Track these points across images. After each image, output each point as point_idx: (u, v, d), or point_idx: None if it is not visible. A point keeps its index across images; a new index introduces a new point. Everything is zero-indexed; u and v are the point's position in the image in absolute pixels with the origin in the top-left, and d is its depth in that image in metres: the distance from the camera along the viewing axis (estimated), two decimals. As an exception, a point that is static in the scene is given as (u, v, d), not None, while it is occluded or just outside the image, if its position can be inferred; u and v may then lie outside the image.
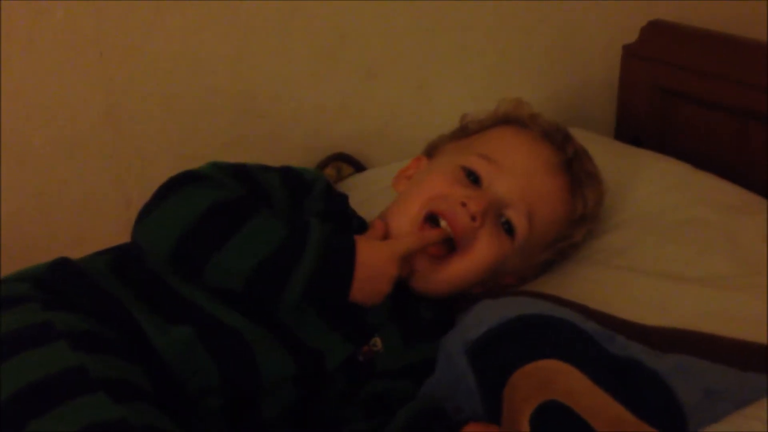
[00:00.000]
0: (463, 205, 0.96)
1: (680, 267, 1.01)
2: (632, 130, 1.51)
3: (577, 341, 0.84)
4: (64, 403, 0.71)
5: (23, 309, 0.81)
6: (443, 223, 0.97)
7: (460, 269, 0.98)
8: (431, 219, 0.98)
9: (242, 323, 0.87)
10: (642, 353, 0.83)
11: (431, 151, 1.12)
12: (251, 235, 0.88)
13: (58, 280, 0.88)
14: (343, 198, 1.04)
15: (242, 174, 0.97)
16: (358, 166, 1.36)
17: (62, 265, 0.90)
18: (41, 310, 0.81)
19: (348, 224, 1.00)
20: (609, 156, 1.20)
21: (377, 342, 0.93)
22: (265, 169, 1.00)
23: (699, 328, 0.87)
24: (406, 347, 0.95)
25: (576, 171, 1.05)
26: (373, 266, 0.90)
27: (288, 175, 1.01)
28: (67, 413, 0.71)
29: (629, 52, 1.51)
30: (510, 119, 1.09)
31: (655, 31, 1.48)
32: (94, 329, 0.80)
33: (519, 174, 1.00)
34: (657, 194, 1.17)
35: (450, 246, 0.97)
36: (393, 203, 1.04)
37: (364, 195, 1.20)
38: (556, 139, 1.06)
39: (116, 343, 0.80)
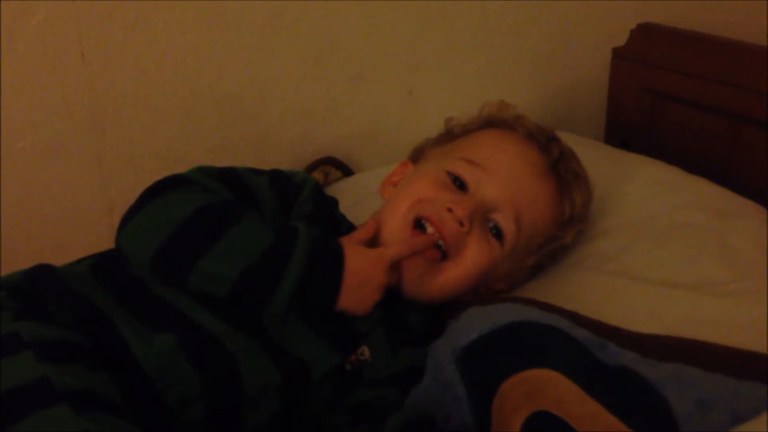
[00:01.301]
0: (450, 210, 0.95)
1: (672, 272, 1.00)
2: (622, 132, 1.51)
3: (567, 349, 0.83)
4: (27, 417, 0.69)
5: None
6: (431, 229, 0.95)
7: (451, 276, 0.96)
8: (419, 225, 0.96)
9: (226, 331, 0.85)
10: (634, 361, 0.81)
11: (416, 156, 1.11)
12: (237, 241, 0.86)
13: (35, 288, 0.85)
14: (333, 202, 1.02)
15: (230, 178, 0.95)
16: (346, 171, 1.35)
17: (41, 272, 0.88)
18: (11, 320, 0.79)
19: (337, 229, 0.98)
20: (598, 160, 1.19)
21: (365, 351, 0.92)
22: (254, 172, 0.99)
23: (692, 334, 0.85)
24: (394, 355, 0.94)
25: (562, 172, 1.04)
26: (362, 273, 0.89)
27: (277, 178, 0.99)
28: (29, 426, 0.69)
29: (619, 55, 1.51)
30: (495, 122, 1.08)
31: (645, 33, 1.48)
32: (65, 338, 0.78)
33: (505, 177, 0.99)
34: (647, 199, 1.16)
35: (442, 250, 0.96)
36: (380, 208, 1.02)
37: (351, 199, 1.19)
38: (542, 141, 1.05)
39: (88, 352, 0.78)
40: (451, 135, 1.10)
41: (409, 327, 0.97)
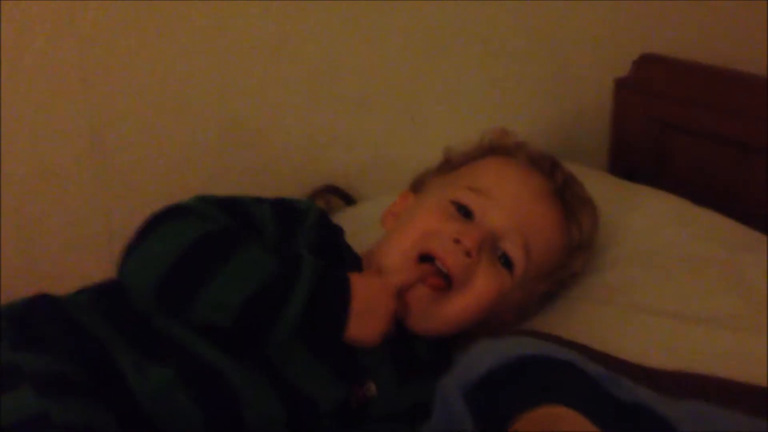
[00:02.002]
0: (457, 241, 0.93)
1: (685, 305, 0.99)
2: (627, 163, 1.50)
3: (581, 385, 0.81)
4: None
5: None
6: (438, 263, 0.93)
7: (459, 308, 0.94)
8: (425, 258, 0.94)
9: (229, 365, 0.83)
10: (649, 398, 0.79)
11: (417, 186, 1.09)
12: (240, 268, 0.84)
13: (34, 318, 0.84)
14: (338, 230, 1.00)
15: (231, 206, 0.93)
16: (348, 199, 1.33)
17: (40, 301, 0.86)
18: (10, 351, 0.77)
19: (341, 258, 0.96)
20: (605, 191, 1.17)
21: (371, 387, 0.89)
22: (256, 200, 0.97)
23: (708, 369, 0.84)
24: (401, 390, 0.92)
25: (568, 198, 1.03)
26: (369, 299, 0.86)
27: (280, 205, 0.97)
28: None
29: (622, 85, 1.50)
30: (496, 149, 1.07)
31: (648, 64, 1.47)
32: (64, 371, 0.76)
33: (511, 204, 0.97)
34: (656, 230, 1.15)
35: (448, 278, 0.93)
36: (382, 240, 1.00)
37: (353, 229, 1.16)
38: (545, 167, 1.04)
39: (88, 385, 0.77)
40: (451, 164, 1.08)
41: (417, 359, 0.95)
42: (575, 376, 0.82)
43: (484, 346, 0.89)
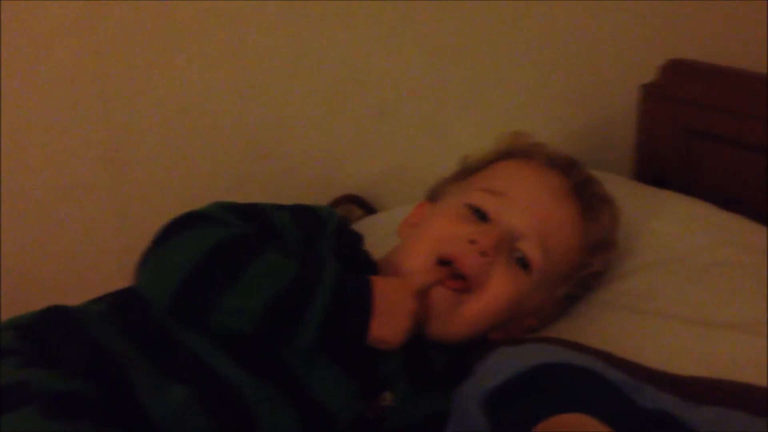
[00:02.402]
0: (473, 242, 0.91)
1: (711, 312, 0.96)
2: (653, 170, 1.47)
3: (603, 392, 0.79)
4: None
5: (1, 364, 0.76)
6: (455, 264, 0.92)
7: (478, 309, 0.92)
8: (443, 263, 0.93)
9: (247, 381, 0.81)
10: (673, 405, 0.77)
11: (434, 195, 1.08)
12: (261, 272, 0.82)
13: (47, 330, 0.82)
14: (357, 237, 0.99)
15: (249, 212, 0.92)
16: (369, 209, 1.32)
17: (54, 313, 0.85)
18: (19, 367, 0.75)
19: (359, 265, 0.95)
20: (630, 197, 1.16)
21: (387, 397, 0.88)
22: (276, 207, 0.96)
23: (734, 376, 0.81)
24: (418, 400, 0.90)
25: (586, 195, 1.01)
26: (391, 297, 0.85)
27: (299, 212, 0.96)
28: None
29: (649, 92, 1.47)
30: (512, 152, 1.06)
31: (675, 69, 1.44)
32: (74, 390, 0.74)
33: (527, 204, 0.96)
34: (681, 236, 1.13)
35: (466, 280, 0.92)
36: (398, 247, 1.00)
37: (373, 238, 1.15)
38: (562, 165, 1.02)
39: (97, 405, 0.75)
40: (467, 170, 1.08)
41: (434, 370, 0.93)
42: (595, 384, 0.80)
43: (503, 354, 0.88)
